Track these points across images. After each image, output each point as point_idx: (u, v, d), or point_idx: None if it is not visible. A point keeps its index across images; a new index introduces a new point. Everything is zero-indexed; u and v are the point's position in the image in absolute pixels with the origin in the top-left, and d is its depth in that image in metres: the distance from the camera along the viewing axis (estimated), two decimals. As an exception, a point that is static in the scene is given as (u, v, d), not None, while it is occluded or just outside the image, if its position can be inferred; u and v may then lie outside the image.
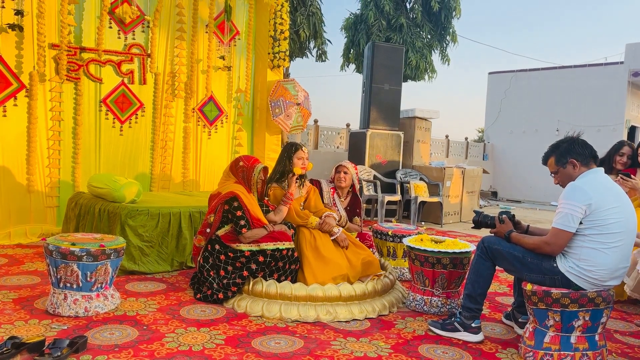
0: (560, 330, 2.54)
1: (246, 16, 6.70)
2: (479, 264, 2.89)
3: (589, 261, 2.52)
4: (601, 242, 2.52)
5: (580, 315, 2.51)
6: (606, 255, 2.52)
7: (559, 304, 2.51)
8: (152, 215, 4.09)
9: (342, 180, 4.21)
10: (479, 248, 2.91)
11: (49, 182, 5.23)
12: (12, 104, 4.97)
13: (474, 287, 2.89)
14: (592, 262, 2.52)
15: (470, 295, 2.90)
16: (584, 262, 2.53)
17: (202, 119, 6.37)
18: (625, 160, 4.25)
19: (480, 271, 2.89)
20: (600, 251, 2.52)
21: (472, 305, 2.89)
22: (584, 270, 2.53)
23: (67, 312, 2.92)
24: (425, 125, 9.23)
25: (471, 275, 2.93)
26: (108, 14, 5.49)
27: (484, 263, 2.87)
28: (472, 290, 2.90)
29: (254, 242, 3.37)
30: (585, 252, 2.54)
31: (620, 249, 2.54)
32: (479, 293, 2.89)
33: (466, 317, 2.88)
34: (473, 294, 2.89)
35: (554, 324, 2.55)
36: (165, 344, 2.62)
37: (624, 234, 2.55)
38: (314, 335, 2.87)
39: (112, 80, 5.61)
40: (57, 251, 2.93)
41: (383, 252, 4.38)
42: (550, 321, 2.55)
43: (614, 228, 2.52)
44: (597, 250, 2.52)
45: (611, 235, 2.52)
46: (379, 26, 12.74)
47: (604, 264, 2.51)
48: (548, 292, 2.53)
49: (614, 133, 13.15)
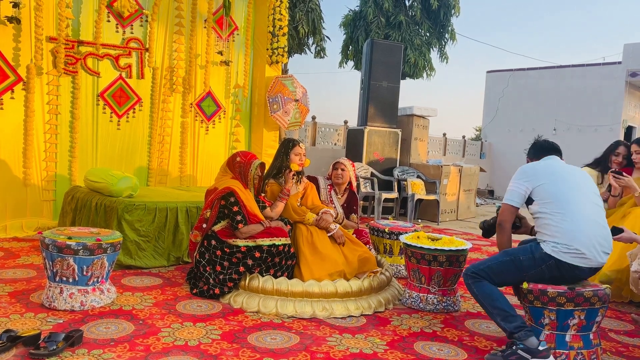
0: (556, 328, 2.56)
1: (245, 11, 6.68)
2: (480, 287, 2.72)
3: (560, 235, 2.60)
4: (559, 212, 2.63)
5: (576, 314, 2.52)
6: (571, 222, 2.60)
7: (555, 302, 2.52)
8: (149, 209, 4.09)
9: (339, 177, 4.21)
10: (468, 278, 2.76)
11: (46, 176, 5.22)
12: (9, 97, 4.95)
13: (498, 308, 2.67)
14: (563, 234, 2.60)
15: (504, 316, 2.64)
16: (558, 237, 2.61)
17: (199, 114, 6.36)
18: (620, 160, 4.27)
19: (487, 291, 2.71)
20: (565, 221, 2.61)
21: (514, 322, 2.61)
22: (562, 244, 2.58)
23: (63, 306, 2.92)
24: (423, 123, 9.24)
25: (485, 302, 2.72)
26: (106, 8, 5.47)
27: (482, 284, 2.72)
28: (500, 311, 2.66)
29: (250, 238, 3.37)
30: (554, 229, 2.63)
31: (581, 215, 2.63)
32: (507, 307, 2.66)
33: (522, 337, 2.55)
34: (504, 313, 2.64)
35: (549, 323, 2.57)
36: (161, 338, 2.63)
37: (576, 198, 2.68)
38: (309, 331, 2.88)
39: (109, 74, 5.59)
40: (54, 245, 2.92)
41: (380, 249, 4.39)
42: (546, 319, 2.57)
43: (564, 197, 2.66)
44: (562, 221, 2.61)
45: (565, 204, 2.64)
46: (377, 23, 12.72)
47: (573, 231, 2.59)
48: (544, 290, 2.54)
49: (611, 133, 13.19)
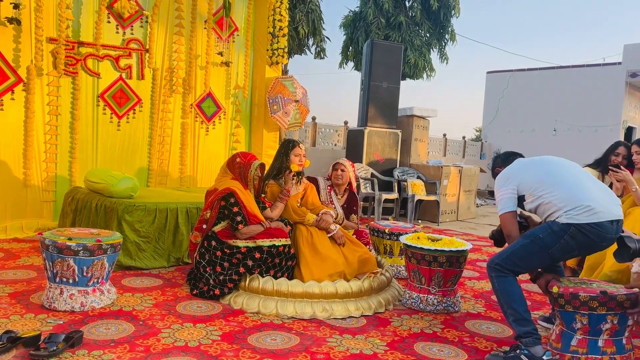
0: (588, 333, 2.46)
1: (245, 12, 6.69)
2: (502, 283, 2.68)
3: (565, 202, 2.59)
4: (552, 187, 2.65)
5: (609, 319, 2.43)
6: (568, 188, 2.63)
7: (587, 306, 2.43)
8: (149, 210, 4.09)
9: (339, 178, 4.22)
10: (492, 270, 2.72)
11: (46, 177, 5.22)
12: (9, 97, 4.96)
13: (514, 309, 2.64)
14: (567, 201, 2.59)
15: (517, 318, 2.63)
16: (565, 206, 2.59)
17: (200, 115, 6.36)
18: (620, 160, 4.26)
19: (508, 289, 2.68)
20: (562, 190, 2.63)
21: (526, 327, 2.60)
22: (572, 209, 2.57)
23: (63, 306, 2.92)
24: (423, 123, 9.24)
25: (503, 299, 2.69)
26: (106, 9, 5.48)
27: (506, 279, 2.68)
28: (515, 312, 2.64)
29: (250, 239, 3.37)
30: (557, 202, 2.62)
31: (574, 179, 2.68)
32: (522, 310, 2.64)
33: (529, 343, 2.56)
34: (518, 316, 2.63)
35: (581, 327, 2.47)
36: (161, 339, 2.62)
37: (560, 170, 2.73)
38: (310, 332, 2.88)
39: (110, 75, 5.60)
40: (54, 246, 2.92)
41: (380, 250, 4.39)
42: (578, 324, 2.47)
43: (550, 175, 2.70)
44: (560, 192, 2.62)
45: (554, 179, 2.67)
46: (378, 24, 12.73)
47: (574, 194, 2.60)
48: (576, 294, 2.44)
49: (611, 133, 13.20)
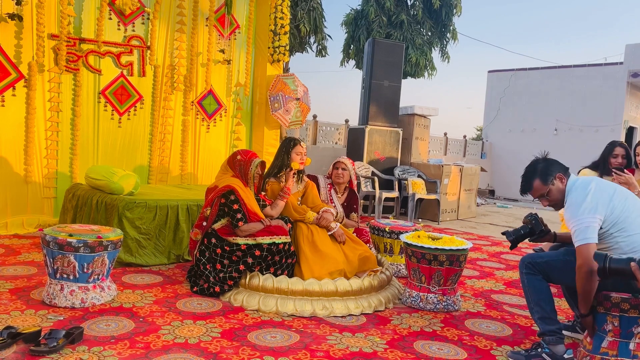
0: (619, 335, 2.42)
1: (247, 10, 6.68)
2: (532, 281, 2.69)
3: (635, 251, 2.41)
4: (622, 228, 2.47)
5: None
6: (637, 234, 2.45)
7: (619, 308, 2.39)
8: (149, 207, 4.09)
9: (339, 177, 4.22)
10: (524, 267, 2.72)
11: (47, 173, 5.22)
12: (11, 94, 4.96)
13: (541, 307, 2.66)
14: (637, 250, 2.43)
15: (543, 317, 2.65)
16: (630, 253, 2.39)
17: (201, 113, 6.36)
18: (620, 160, 4.22)
19: (537, 287, 2.68)
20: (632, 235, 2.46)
21: (551, 326, 2.63)
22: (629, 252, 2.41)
23: (64, 303, 2.93)
24: (424, 122, 9.24)
25: (531, 296, 2.70)
26: (108, 5, 5.47)
27: (535, 278, 2.68)
28: (542, 310, 2.66)
29: (250, 236, 3.37)
30: (624, 245, 2.47)
31: None
32: (549, 310, 2.66)
33: (552, 342, 2.59)
34: (544, 314, 2.65)
35: (612, 329, 2.43)
36: (161, 336, 2.63)
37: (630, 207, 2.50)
38: (309, 330, 2.88)
39: (111, 71, 5.60)
40: (54, 242, 2.92)
41: (380, 248, 4.40)
42: (609, 326, 2.44)
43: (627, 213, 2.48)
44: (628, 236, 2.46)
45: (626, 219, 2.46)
46: (379, 22, 12.72)
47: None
48: (607, 295, 2.41)
49: (612, 133, 13.18)
